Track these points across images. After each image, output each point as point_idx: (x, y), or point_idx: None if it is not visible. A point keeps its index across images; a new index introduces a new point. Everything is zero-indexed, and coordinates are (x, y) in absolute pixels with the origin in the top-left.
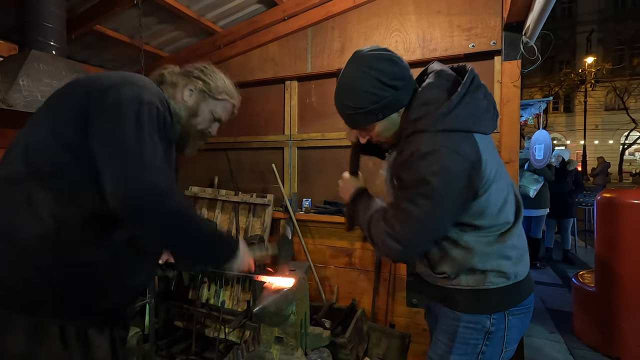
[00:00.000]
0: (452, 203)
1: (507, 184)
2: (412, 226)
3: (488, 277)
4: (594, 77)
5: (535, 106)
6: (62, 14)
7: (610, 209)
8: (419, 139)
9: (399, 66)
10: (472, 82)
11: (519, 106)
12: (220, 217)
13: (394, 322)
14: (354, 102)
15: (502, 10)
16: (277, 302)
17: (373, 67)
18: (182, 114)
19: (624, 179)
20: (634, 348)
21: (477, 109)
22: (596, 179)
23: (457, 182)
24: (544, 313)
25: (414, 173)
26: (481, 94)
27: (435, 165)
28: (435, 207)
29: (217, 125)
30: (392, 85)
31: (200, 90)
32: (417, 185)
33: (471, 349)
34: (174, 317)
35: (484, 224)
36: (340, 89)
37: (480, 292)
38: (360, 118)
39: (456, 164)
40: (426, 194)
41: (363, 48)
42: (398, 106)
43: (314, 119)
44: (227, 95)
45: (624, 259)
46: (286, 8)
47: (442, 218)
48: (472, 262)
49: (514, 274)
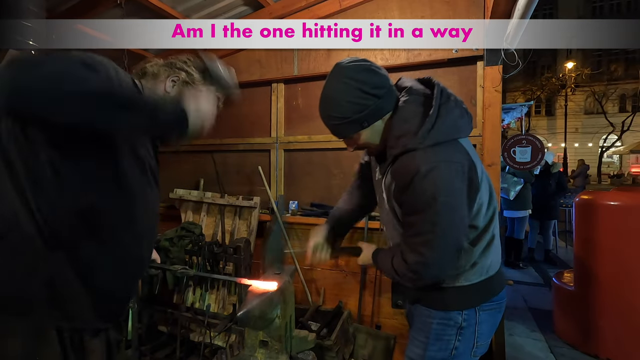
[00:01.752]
0: (463, 209)
1: (487, 182)
2: (441, 245)
3: (464, 274)
4: (574, 82)
5: (517, 110)
6: (42, 13)
7: (587, 211)
8: (414, 159)
9: (378, 75)
10: (442, 94)
11: (501, 110)
12: (206, 219)
13: (380, 324)
14: (339, 113)
15: (484, 17)
16: (261, 306)
17: (354, 78)
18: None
19: (603, 181)
20: (611, 345)
21: (454, 117)
22: (576, 181)
23: (461, 189)
24: (525, 312)
25: (420, 196)
26: (452, 103)
27: (439, 182)
28: (452, 219)
29: None
30: (374, 93)
31: (184, 82)
32: (428, 206)
33: (445, 345)
34: (158, 322)
35: (481, 225)
36: (324, 101)
37: (455, 289)
38: (346, 127)
39: (456, 173)
40: (439, 211)
41: (343, 60)
42: (381, 113)
43: (300, 121)
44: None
45: (601, 259)
46: (272, 10)
47: (461, 225)
48: (466, 265)
49: (486, 268)
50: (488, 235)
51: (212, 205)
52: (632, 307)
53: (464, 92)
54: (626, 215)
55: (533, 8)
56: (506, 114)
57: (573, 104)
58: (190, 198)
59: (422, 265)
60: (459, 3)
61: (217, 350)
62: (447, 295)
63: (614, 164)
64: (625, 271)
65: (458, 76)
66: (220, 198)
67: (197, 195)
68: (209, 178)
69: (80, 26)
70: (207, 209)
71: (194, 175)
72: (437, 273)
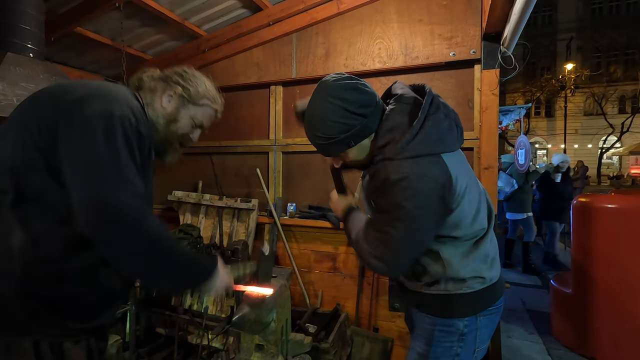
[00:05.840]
0: (428, 222)
1: (478, 193)
2: (393, 247)
3: (466, 282)
4: (573, 83)
5: (515, 112)
6: (40, 16)
7: (585, 213)
8: (388, 167)
9: (364, 93)
10: (431, 104)
11: (498, 114)
12: (204, 222)
13: (377, 326)
14: (324, 133)
15: (481, 21)
16: (256, 311)
17: (339, 97)
18: (160, 121)
19: (602, 182)
20: (607, 348)
21: (440, 130)
22: (575, 183)
23: (430, 203)
24: (524, 314)
25: (389, 199)
26: (442, 115)
27: (408, 191)
28: (412, 229)
29: (199, 132)
30: (360, 113)
31: (180, 96)
32: (393, 210)
33: (447, 352)
34: (156, 324)
35: (460, 235)
36: (309, 120)
37: (457, 296)
38: (332, 147)
39: (427, 186)
40: (402, 217)
41: (328, 77)
42: (368, 132)
43: (299, 124)
44: (209, 101)
45: (598, 262)
46: (271, 13)
47: (420, 237)
48: (451, 273)
49: (490, 277)
50: (485, 243)
51: (210, 207)
52: (629, 310)
53: (461, 95)
54: (624, 218)
55: (530, 11)
56: (504, 116)
57: (573, 106)
58: (188, 200)
59: (375, 258)
60: (456, 6)
61: (214, 352)
62: (450, 303)
63: (614, 165)
64: (623, 274)
65: (455, 79)
66: (219, 200)
67: (195, 198)
68: (208, 180)
69: (79, 29)
70: (206, 211)
71: (193, 178)
72: (388, 271)
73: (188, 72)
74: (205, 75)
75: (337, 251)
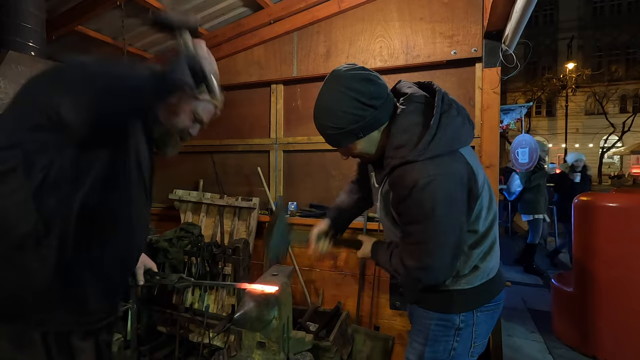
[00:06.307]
0: (462, 217)
1: (488, 185)
2: (437, 254)
3: (466, 277)
4: (574, 83)
5: (516, 111)
6: (42, 15)
7: (586, 212)
8: (411, 171)
9: (376, 85)
10: (442, 102)
11: (499, 112)
12: (205, 220)
13: (378, 325)
14: (334, 123)
15: (482, 19)
16: (258, 308)
17: (351, 88)
18: (161, 114)
19: (603, 181)
20: (609, 346)
21: (455, 127)
22: None
23: (460, 199)
24: (525, 313)
25: (420, 207)
26: (454, 111)
27: (438, 194)
28: (450, 229)
29: (198, 127)
30: (371, 104)
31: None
32: (426, 218)
33: (443, 346)
34: (157, 322)
35: (481, 229)
36: (319, 109)
37: (456, 292)
38: (341, 137)
39: (454, 184)
40: (438, 222)
41: (340, 67)
42: (377, 125)
43: (299, 122)
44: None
45: (599, 260)
46: (272, 12)
47: (457, 234)
48: (460, 267)
49: (487, 271)
50: (489, 239)
51: (211, 206)
52: (630, 308)
53: (463, 94)
54: (624, 217)
55: (531, 9)
56: (505, 114)
57: (574, 105)
58: (189, 199)
59: (423, 271)
60: (458, 4)
61: (215, 350)
62: (448, 298)
63: (615, 164)
64: (624, 273)
65: (457, 78)
66: (220, 199)
67: (196, 196)
68: (209, 179)
69: (80, 27)
70: (207, 209)
71: (193, 176)
72: (437, 278)
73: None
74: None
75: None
